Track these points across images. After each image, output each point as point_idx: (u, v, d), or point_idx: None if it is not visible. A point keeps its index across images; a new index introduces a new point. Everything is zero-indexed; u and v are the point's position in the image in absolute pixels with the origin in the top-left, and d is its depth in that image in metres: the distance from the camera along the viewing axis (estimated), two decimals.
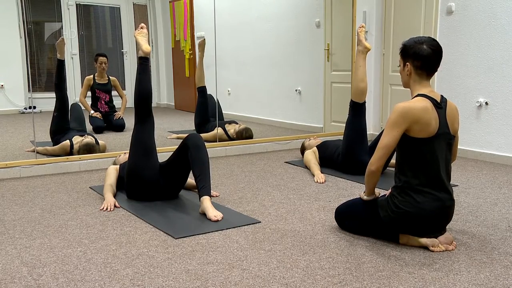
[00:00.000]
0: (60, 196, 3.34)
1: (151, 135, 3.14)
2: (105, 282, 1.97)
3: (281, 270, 2.09)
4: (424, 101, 2.26)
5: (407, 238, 2.36)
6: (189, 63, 6.45)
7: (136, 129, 3.13)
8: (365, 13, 5.53)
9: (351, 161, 3.85)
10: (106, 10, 6.42)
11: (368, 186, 2.39)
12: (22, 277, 2.03)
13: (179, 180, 3.14)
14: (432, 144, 2.25)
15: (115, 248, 2.36)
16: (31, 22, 5.80)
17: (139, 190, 3.11)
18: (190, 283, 1.96)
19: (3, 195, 3.38)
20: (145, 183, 3.08)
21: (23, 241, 2.46)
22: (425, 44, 2.26)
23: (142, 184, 3.09)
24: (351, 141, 3.85)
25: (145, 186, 3.09)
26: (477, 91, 4.56)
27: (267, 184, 3.64)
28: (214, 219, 2.73)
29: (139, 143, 3.09)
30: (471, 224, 2.69)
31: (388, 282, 1.96)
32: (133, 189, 3.13)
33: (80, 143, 4.28)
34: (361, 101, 3.86)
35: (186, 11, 6.37)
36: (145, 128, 3.11)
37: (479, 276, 2.02)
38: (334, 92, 5.78)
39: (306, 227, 2.65)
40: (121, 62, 6.49)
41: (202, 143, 2.97)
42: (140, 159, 3.06)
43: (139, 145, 3.08)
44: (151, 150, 3.10)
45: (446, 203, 2.28)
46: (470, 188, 3.49)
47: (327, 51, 5.73)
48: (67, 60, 6.09)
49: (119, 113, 5.71)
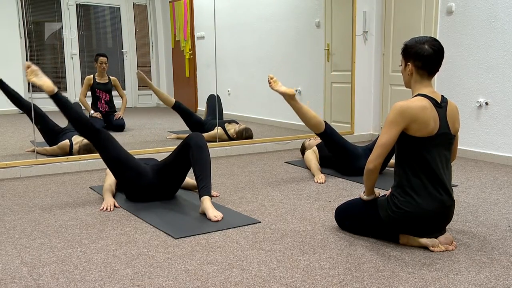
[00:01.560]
0: (60, 196, 3.34)
1: (116, 147, 3.04)
2: (105, 282, 1.97)
3: (281, 270, 2.09)
4: (423, 100, 2.26)
5: (407, 238, 2.36)
6: (189, 63, 6.45)
7: (99, 153, 3.05)
8: (365, 13, 5.53)
9: (350, 168, 3.85)
10: (106, 10, 6.42)
11: (367, 185, 2.39)
12: (22, 277, 2.03)
13: (177, 180, 3.14)
14: (432, 144, 2.25)
15: (115, 248, 2.36)
16: (31, 22, 5.80)
17: (137, 195, 3.11)
18: (190, 283, 1.96)
19: (3, 195, 3.38)
20: (142, 189, 3.08)
21: (23, 241, 2.46)
22: (427, 44, 2.26)
23: (139, 191, 3.09)
24: (339, 158, 3.85)
25: (142, 191, 3.09)
26: (477, 91, 4.56)
27: (267, 184, 3.64)
28: (214, 219, 2.73)
29: (113, 162, 3.02)
30: (471, 224, 2.69)
31: (388, 282, 1.96)
32: (131, 194, 3.13)
33: (80, 143, 4.28)
34: (322, 129, 3.69)
35: (186, 11, 6.38)
36: (106, 146, 3.01)
37: (479, 276, 2.02)
38: (334, 92, 5.78)
39: (306, 227, 2.65)
40: (121, 62, 6.49)
41: (205, 143, 2.96)
42: (125, 174, 3.03)
43: (115, 164, 3.01)
44: (128, 160, 3.03)
45: (446, 203, 2.28)
46: (470, 188, 3.49)
47: (327, 51, 5.73)
48: (67, 60, 6.10)
49: (119, 113, 5.71)
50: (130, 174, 3.03)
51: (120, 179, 3.08)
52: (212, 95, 5.53)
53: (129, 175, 3.03)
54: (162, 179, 3.09)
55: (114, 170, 3.04)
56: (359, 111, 5.70)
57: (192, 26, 6.33)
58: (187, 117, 5.37)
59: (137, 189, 3.07)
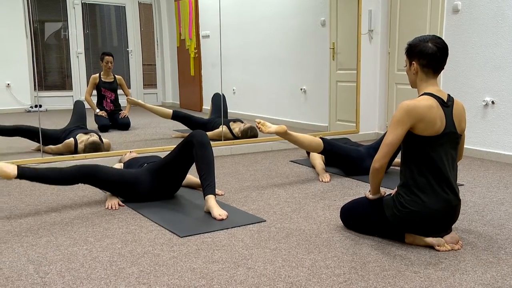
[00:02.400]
0: (66, 194, 3.36)
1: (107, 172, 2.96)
2: (111, 280, 1.98)
3: (286, 269, 2.08)
4: (429, 99, 2.25)
5: (413, 238, 2.35)
6: (194, 62, 6.45)
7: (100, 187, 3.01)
8: (371, 12, 5.51)
9: (355, 170, 3.84)
10: (112, 9, 6.43)
11: (373, 184, 2.38)
12: (29, 274, 2.04)
13: (178, 178, 3.11)
14: (438, 143, 2.24)
15: (121, 246, 2.36)
16: (37, 21, 5.82)
17: (138, 200, 3.11)
18: (196, 281, 1.97)
19: (10, 193, 3.39)
20: (143, 196, 3.08)
21: (30, 239, 2.47)
22: (430, 42, 2.26)
23: (140, 198, 3.09)
24: (345, 164, 3.84)
25: (143, 197, 3.09)
26: (483, 90, 4.54)
27: (272, 183, 3.64)
28: (219, 218, 2.73)
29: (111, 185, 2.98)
30: (477, 224, 2.68)
31: (394, 281, 1.96)
32: (132, 200, 3.13)
33: (86, 142, 4.30)
34: (322, 148, 3.66)
35: (191, 10, 6.38)
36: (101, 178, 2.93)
37: (485, 275, 2.01)
38: (339, 91, 5.76)
39: (311, 226, 2.65)
40: (126, 60, 6.51)
41: (208, 141, 2.94)
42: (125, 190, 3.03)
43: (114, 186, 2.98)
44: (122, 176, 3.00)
45: (453, 202, 2.27)
46: (476, 188, 3.47)
47: (332, 50, 5.72)
48: (73, 58, 6.12)
49: (124, 111, 5.73)
50: (129, 188, 3.02)
51: (121, 195, 3.08)
52: (217, 93, 5.53)
53: (128, 189, 3.02)
54: (160, 180, 3.06)
55: (113, 191, 3.04)
56: (364, 110, 5.68)
57: (197, 24, 6.33)
58: (187, 122, 5.46)
59: (138, 197, 3.08)
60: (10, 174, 2.69)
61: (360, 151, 3.84)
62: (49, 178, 2.78)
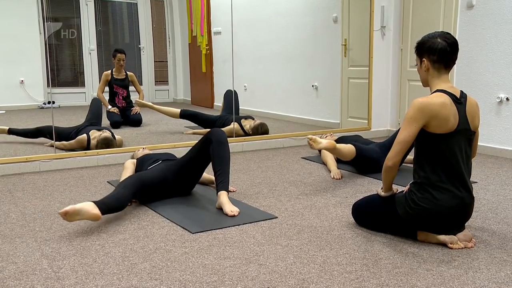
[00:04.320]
0: (79, 190, 3.38)
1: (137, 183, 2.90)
2: (123, 276, 1.99)
3: (298, 265, 2.08)
4: (442, 96, 2.23)
5: (425, 235, 2.33)
6: (205, 58, 6.46)
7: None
8: (383, 8, 5.47)
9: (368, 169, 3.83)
10: (124, 5, 6.47)
11: (385, 182, 2.37)
12: (43, 269, 2.07)
13: (196, 176, 3.14)
14: (451, 140, 2.22)
15: (133, 242, 2.38)
16: (50, 18, 5.87)
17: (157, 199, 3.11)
18: (207, 277, 1.97)
19: (24, 188, 3.43)
20: (163, 195, 3.08)
21: (43, 234, 2.49)
22: (439, 38, 2.25)
23: (160, 197, 3.08)
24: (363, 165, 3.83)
25: (162, 196, 3.09)
26: (497, 87, 4.48)
27: (283, 180, 3.64)
28: (230, 214, 2.73)
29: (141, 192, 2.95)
30: (491, 222, 2.65)
31: (406, 278, 1.95)
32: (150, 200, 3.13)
33: (98, 138, 4.33)
34: (355, 155, 3.66)
35: (203, 7, 6.38)
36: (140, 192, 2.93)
37: (499, 274, 1.99)
38: (351, 88, 5.74)
39: (323, 223, 2.64)
40: (138, 57, 6.54)
41: (225, 139, 2.96)
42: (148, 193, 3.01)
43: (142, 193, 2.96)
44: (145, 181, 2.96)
45: (466, 200, 2.25)
46: (490, 185, 3.44)
47: (344, 46, 5.69)
48: (85, 55, 6.16)
49: (136, 108, 5.75)
50: (152, 191, 3.01)
51: (144, 199, 3.04)
52: (229, 90, 5.54)
53: (151, 191, 3.01)
54: (181, 179, 3.09)
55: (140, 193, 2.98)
56: (376, 107, 5.65)
57: (209, 21, 6.34)
58: (196, 119, 5.53)
59: (161, 197, 3.09)
60: (99, 216, 2.51)
61: (377, 152, 3.82)
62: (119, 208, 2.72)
